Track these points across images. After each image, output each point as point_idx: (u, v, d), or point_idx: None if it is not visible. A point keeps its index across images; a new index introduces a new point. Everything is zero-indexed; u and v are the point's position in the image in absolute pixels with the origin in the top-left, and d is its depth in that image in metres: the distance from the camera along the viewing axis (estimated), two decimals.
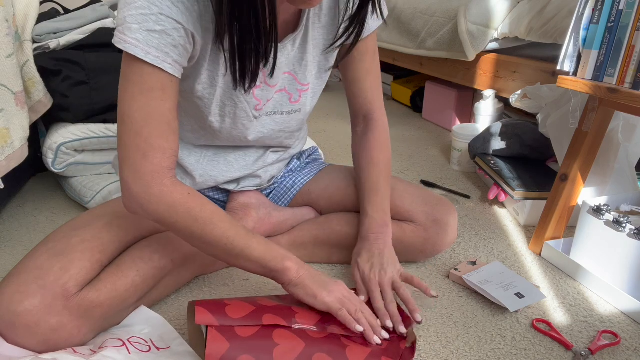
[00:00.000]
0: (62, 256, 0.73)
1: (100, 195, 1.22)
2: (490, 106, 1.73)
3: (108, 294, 0.74)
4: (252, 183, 1.00)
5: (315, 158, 1.14)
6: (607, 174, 1.14)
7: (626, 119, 1.11)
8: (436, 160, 1.72)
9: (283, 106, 0.88)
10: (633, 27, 0.85)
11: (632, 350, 0.81)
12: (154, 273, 0.81)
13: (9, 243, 1.09)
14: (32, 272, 0.70)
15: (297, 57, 0.84)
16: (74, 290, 0.71)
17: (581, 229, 1.00)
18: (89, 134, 1.24)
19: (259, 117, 0.87)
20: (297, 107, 0.90)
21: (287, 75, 0.85)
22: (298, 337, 0.71)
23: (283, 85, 0.86)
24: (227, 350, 0.66)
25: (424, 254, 1.00)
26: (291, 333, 0.72)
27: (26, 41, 1.20)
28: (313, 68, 0.87)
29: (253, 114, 0.85)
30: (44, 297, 0.68)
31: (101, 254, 0.76)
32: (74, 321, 0.71)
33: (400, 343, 0.77)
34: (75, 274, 0.72)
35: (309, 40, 0.84)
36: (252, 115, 0.85)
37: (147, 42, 0.65)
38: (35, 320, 0.68)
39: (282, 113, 0.89)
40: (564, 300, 0.94)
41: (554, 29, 1.37)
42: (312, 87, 0.90)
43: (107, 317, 0.76)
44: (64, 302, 0.70)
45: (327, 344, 0.72)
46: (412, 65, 2.22)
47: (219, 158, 0.94)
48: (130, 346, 0.72)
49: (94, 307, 0.73)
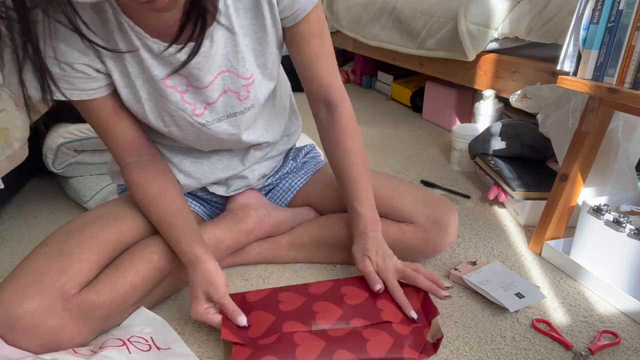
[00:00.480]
0: (60, 258, 0.73)
1: (100, 195, 1.22)
2: (490, 106, 1.73)
3: (107, 295, 0.74)
4: (241, 184, 0.99)
5: (313, 156, 1.13)
6: (607, 174, 1.14)
7: (626, 119, 1.11)
8: (436, 160, 1.72)
9: (234, 107, 0.84)
10: (633, 27, 0.85)
11: (632, 350, 0.81)
12: (153, 274, 0.81)
13: (9, 243, 1.09)
14: (30, 275, 0.70)
15: (229, 51, 0.78)
16: (73, 291, 0.71)
17: (581, 229, 1.00)
18: (89, 134, 1.24)
19: (208, 124, 0.83)
20: (248, 103, 0.84)
21: (225, 74, 0.80)
22: (318, 337, 0.74)
23: (225, 86, 0.81)
24: (250, 355, 0.70)
25: (424, 255, 1.00)
26: (311, 335, 0.74)
27: None
28: (250, 57, 0.81)
29: (196, 120, 0.82)
30: (42, 299, 0.68)
31: (99, 255, 0.76)
32: (74, 322, 0.71)
33: (424, 332, 0.78)
34: (73, 275, 0.72)
35: (236, 31, 0.77)
36: (196, 122, 0.82)
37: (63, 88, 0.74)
38: (35, 322, 0.68)
39: (235, 115, 0.85)
40: (564, 300, 0.94)
41: (554, 29, 1.37)
42: (257, 76, 0.83)
43: (107, 319, 0.76)
44: (63, 303, 0.70)
45: (348, 341, 0.74)
46: (412, 65, 2.22)
47: (202, 159, 0.94)
48: (131, 345, 0.72)
49: (93, 308, 0.73)
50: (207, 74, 0.78)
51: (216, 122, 0.84)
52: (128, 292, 0.77)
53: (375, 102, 2.58)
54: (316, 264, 1.04)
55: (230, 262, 1.00)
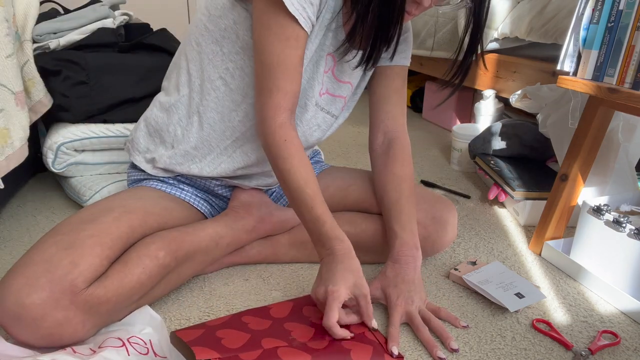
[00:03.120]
0: (72, 249, 0.73)
1: (99, 194, 1.22)
2: (490, 106, 1.73)
3: (115, 290, 0.75)
4: (264, 182, 1.00)
5: (317, 160, 1.14)
6: (607, 174, 1.14)
7: (626, 119, 1.11)
8: (436, 160, 1.72)
9: (332, 109, 0.95)
10: (633, 27, 0.85)
11: (632, 350, 0.81)
12: (158, 270, 0.81)
13: (9, 243, 1.09)
14: (41, 265, 0.71)
15: (360, 75, 0.94)
16: (82, 286, 0.71)
17: (581, 229, 1.00)
18: (89, 134, 1.24)
19: (315, 106, 0.92)
20: (338, 113, 0.97)
21: (348, 85, 0.94)
22: (302, 350, 0.71)
23: (345, 93, 0.95)
24: None
25: (424, 252, 0.99)
26: (294, 349, 0.72)
27: (26, 41, 1.20)
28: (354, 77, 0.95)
29: (317, 99, 0.91)
30: (52, 291, 0.69)
31: (110, 250, 0.77)
32: (79, 316, 0.71)
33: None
34: (84, 270, 0.72)
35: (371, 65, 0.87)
36: (315, 100, 0.91)
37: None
38: (42, 313, 0.68)
39: (329, 112, 0.95)
40: (564, 300, 0.94)
41: (554, 29, 1.37)
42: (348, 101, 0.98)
43: (111, 313, 0.77)
44: (72, 297, 0.70)
45: (332, 352, 0.72)
46: (412, 65, 2.20)
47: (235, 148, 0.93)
48: (130, 347, 0.72)
49: (100, 303, 0.73)
50: (345, 75, 0.92)
51: (318, 109, 0.93)
52: (135, 288, 0.77)
53: None
54: (316, 263, 1.04)
55: (230, 260, 1.00)
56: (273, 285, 0.96)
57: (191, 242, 0.87)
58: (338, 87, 0.94)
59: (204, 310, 0.88)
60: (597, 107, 0.98)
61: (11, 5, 1.11)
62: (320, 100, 0.92)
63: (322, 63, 0.89)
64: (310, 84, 0.90)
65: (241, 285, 0.96)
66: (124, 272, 0.76)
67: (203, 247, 0.89)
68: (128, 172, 1.03)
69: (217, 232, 0.92)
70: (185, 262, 0.87)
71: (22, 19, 1.21)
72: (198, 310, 0.88)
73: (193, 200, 0.97)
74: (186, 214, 0.94)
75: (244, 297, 0.92)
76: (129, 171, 1.03)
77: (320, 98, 0.92)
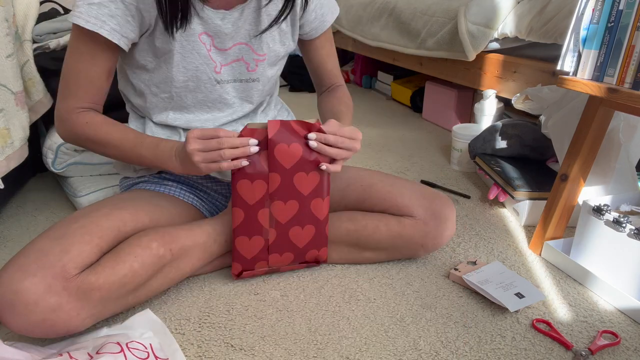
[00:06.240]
0: (63, 239, 0.76)
1: (95, 195, 1.22)
2: (491, 106, 1.73)
3: (107, 277, 0.76)
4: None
5: None
6: (607, 174, 1.14)
7: (626, 119, 1.11)
8: (436, 160, 1.72)
9: (242, 74, 0.97)
10: (633, 27, 0.85)
11: (632, 350, 0.81)
12: (152, 260, 0.82)
13: (9, 243, 1.09)
14: (33, 254, 0.73)
15: (250, 29, 0.93)
16: (74, 272, 0.73)
17: (581, 229, 1.00)
18: None
19: (222, 82, 0.95)
20: (255, 75, 0.98)
21: (242, 46, 0.94)
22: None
23: (240, 55, 0.95)
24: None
25: (425, 248, 1.00)
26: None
27: (26, 41, 1.20)
28: (268, 39, 0.96)
29: (215, 77, 0.94)
30: (44, 276, 0.71)
31: (100, 239, 0.79)
32: (72, 302, 0.73)
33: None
34: (74, 255, 0.74)
35: (262, 13, 0.92)
36: (214, 79, 0.94)
37: (88, 13, 0.79)
38: (35, 298, 0.69)
39: (240, 80, 0.97)
40: (564, 300, 0.94)
41: (554, 29, 1.37)
42: (269, 57, 0.98)
43: (105, 302, 0.77)
44: (64, 282, 0.72)
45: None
46: (412, 65, 2.22)
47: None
48: (129, 352, 0.71)
49: (92, 289, 0.75)
50: (230, 40, 0.92)
51: (227, 83, 0.96)
52: (127, 275, 0.79)
53: (375, 102, 2.58)
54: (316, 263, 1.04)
55: (226, 262, 1.00)
56: (273, 285, 0.96)
57: (186, 236, 0.88)
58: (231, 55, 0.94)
59: (204, 311, 0.88)
60: (597, 107, 0.98)
61: (11, 5, 1.11)
62: (222, 76, 0.94)
63: (199, 47, 0.89)
64: (200, 70, 0.91)
65: (241, 285, 0.96)
66: (115, 260, 0.78)
67: (200, 242, 0.90)
68: (119, 184, 1.08)
69: (215, 228, 0.93)
70: (182, 256, 0.88)
71: (22, 19, 1.21)
72: (198, 310, 0.88)
73: (181, 195, 1.00)
74: (178, 210, 0.97)
75: (244, 297, 0.92)
76: (120, 183, 1.08)
77: (218, 75, 0.94)
